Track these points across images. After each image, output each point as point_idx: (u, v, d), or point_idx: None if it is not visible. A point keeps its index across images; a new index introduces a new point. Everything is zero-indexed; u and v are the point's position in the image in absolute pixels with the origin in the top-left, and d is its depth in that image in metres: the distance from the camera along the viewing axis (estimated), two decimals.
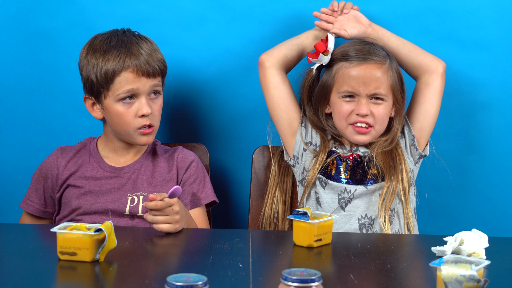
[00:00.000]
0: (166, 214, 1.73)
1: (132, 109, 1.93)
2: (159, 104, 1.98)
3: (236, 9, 2.25)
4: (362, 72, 1.95)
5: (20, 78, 2.28)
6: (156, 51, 1.97)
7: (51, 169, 2.01)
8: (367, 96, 1.95)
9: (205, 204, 2.01)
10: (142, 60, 1.92)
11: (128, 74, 1.91)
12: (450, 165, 2.27)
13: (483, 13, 2.22)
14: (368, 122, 1.96)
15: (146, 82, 1.93)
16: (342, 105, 1.97)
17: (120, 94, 1.91)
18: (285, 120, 2.06)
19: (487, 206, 2.30)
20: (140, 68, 1.91)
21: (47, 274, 1.46)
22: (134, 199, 1.96)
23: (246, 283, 1.39)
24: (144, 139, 1.96)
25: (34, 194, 2.02)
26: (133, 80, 1.91)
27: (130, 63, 1.91)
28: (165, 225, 1.73)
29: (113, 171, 2.00)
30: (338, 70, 1.98)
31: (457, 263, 1.29)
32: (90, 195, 1.96)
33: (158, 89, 1.97)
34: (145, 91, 1.93)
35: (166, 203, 1.72)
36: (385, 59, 1.97)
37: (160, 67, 1.96)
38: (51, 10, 2.25)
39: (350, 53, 1.98)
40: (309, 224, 1.63)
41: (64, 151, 2.03)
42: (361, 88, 1.95)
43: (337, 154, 2.00)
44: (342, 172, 1.98)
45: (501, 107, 2.25)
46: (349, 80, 1.95)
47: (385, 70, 1.96)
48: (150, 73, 1.93)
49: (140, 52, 1.93)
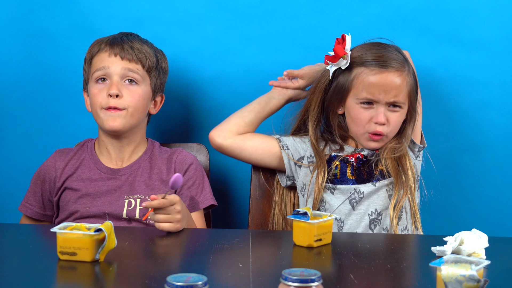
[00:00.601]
0: (167, 212, 1.73)
1: (102, 89, 1.95)
2: (137, 92, 1.96)
3: (236, 9, 2.25)
4: (383, 81, 1.94)
5: (21, 78, 2.28)
6: (142, 46, 1.99)
7: (49, 172, 2.01)
8: (386, 104, 1.95)
9: (203, 208, 2.01)
10: (119, 45, 1.97)
11: (102, 53, 1.97)
12: (450, 165, 2.27)
13: (483, 13, 2.22)
14: (382, 132, 1.96)
15: (117, 63, 1.95)
16: (360, 112, 1.97)
17: (94, 74, 1.96)
18: (269, 158, 2.07)
19: (487, 206, 2.30)
20: (113, 50, 1.96)
21: (47, 274, 1.46)
22: (131, 202, 1.95)
23: (246, 283, 1.39)
24: (110, 122, 1.94)
25: (33, 197, 2.02)
26: (105, 59, 1.96)
27: (106, 46, 1.97)
28: (166, 224, 1.73)
29: (110, 172, 1.99)
30: (358, 76, 1.96)
31: (457, 263, 1.29)
32: (87, 198, 1.96)
33: (134, 77, 1.96)
34: (117, 72, 1.95)
35: (169, 201, 1.73)
36: (404, 65, 1.97)
37: (139, 56, 1.97)
38: (52, 10, 2.25)
39: (368, 58, 1.96)
40: (309, 224, 1.63)
41: (62, 153, 2.03)
42: (381, 96, 1.94)
43: (340, 158, 1.99)
44: (348, 174, 1.98)
45: (500, 107, 2.25)
46: (369, 87, 1.94)
47: (404, 77, 1.96)
48: (123, 56, 1.95)
49: (121, 40, 1.99)
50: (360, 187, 1.97)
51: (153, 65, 1.99)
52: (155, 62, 2.00)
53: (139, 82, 1.97)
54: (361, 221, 1.95)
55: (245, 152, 2.06)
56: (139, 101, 1.96)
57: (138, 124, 1.99)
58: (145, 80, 1.98)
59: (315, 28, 2.24)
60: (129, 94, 1.95)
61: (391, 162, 1.98)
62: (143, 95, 1.97)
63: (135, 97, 1.95)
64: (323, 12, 2.24)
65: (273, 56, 2.26)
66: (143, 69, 1.98)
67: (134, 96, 1.95)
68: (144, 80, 1.98)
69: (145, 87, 1.98)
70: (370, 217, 1.95)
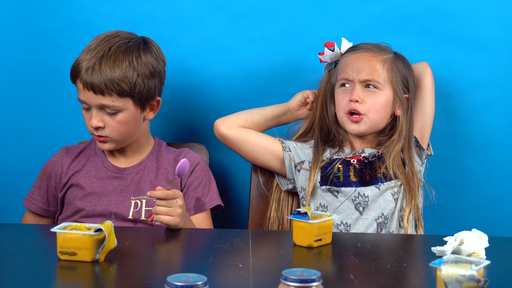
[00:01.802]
0: (169, 205, 1.74)
1: (87, 116, 1.94)
2: (117, 120, 1.91)
3: (236, 9, 2.25)
4: (356, 59, 1.99)
5: (21, 78, 2.29)
6: (118, 72, 1.89)
7: (55, 168, 2.01)
8: (360, 83, 1.97)
9: (209, 208, 2.01)
10: (93, 77, 1.88)
11: (79, 83, 1.92)
12: (450, 165, 2.27)
13: (483, 13, 2.22)
14: (357, 109, 1.96)
15: (91, 97, 1.90)
16: (339, 95, 2.00)
17: (79, 98, 1.94)
18: (269, 156, 2.07)
19: (487, 206, 2.30)
20: (85, 84, 1.90)
21: (47, 274, 1.46)
22: (137, 203, 1.96)
23: (246, 283, 1.39)
24: (99, 145, 1.97)
25: (37, 192, 2.03)
26: (82, 91, 1.92)
27: (82, 73, 1.90)
28: (166, 217, 1.73)
29: (116, 171, 1.99)
30: (339, 63, 2.02)
31: (457, 263, 1.29)
32: (93, 196, 1.96)
33: (110, 106, 1.90)
34: (95, 105, 1.91)
35: (173, 193, 1.74)
36: (386, 53, 1.99)
37: (113, 88, 1.89)
38: (52, 10, 2.25)
39: (354, 46, 2.03)
40: (309, 224, 1.63)
41: (69, 150, 2.04)
42: (354, 73, 1.97)
43: (341, 160, 1.99)
44: (351, 176, 1.98)
45: (501, 107, 2.25)
46: (344, 67, 1.99)
47: (382, 60, 1.98)
48: (96, 90, 1.89)
49: (93, 68, 1.89)
50: (364, 190, 1.96)
51: (131, 86, 1.91)
52: (134, 81, 1.91)
53: (119, 110, 1.92)
54: (370, 226, 1.95)
55: (247, 144, 2.05)
56: (122, 127, 1.93)
57: (132, 137, 1.98)
58: (126, 103, 1.92)
59: (315, 28, 2.24)
60: (111, 124, 1.92)
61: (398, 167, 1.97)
62: (126, 119, 1.93)
63: (116, 126, 1.92)
64: (323, 12, 2.24)
65: (273, 56, 2.26)
66: (119, 97, 1.91)
67: (116, 125, 1.92)
68: (125, 104, 1.92)
69: (127, 111, 1.93)
70: (377, 221, 1.95)
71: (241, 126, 2.05)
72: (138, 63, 1.93)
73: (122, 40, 1.95)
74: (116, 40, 1.95)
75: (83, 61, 1.92)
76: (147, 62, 1.94)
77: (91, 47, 1.94)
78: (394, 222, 1.96)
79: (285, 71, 2.25)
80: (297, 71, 2.15)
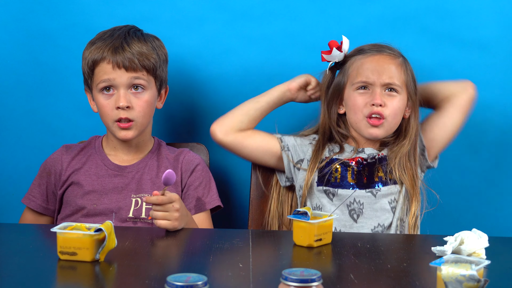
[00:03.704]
0: (166, 210, 1.73)
1: (110, 101, 1.94)
2: (144, 99, 1.95)
3: (236, 9, 2.25)
4: (376, 62, 1.96)
5: (21, 78, 2.29)
6: (145, 49, 1.95)
7: (55, 165, 2.01)
8: (381, 86, 1.95)
9: (209, 208, 2.01)
10: (120, 53, 1.92)
11: (105, 64, 1.93)
12: (450, 165, 2.27)
13: (483, 13, 2.22)
14: (381, 113, 1.94)
15: (122, 74, 1.92)
16: (356, 98, 1.97)
17: (99, 84, 1.94)
18: (268, 157, 2.07)
19: (487, 206, 2.30)
20: (115, 61, 1.92)
21: (47, 274, 1.46)
22: (138, 201, 1.96)
23: (246, 283, 1.39)
24: (122, 134, 1.95)
25: (37, 189, 2.03)
26: (110, 71, 1.92)
27: (107, 54, 1.93)
28: (163, 221, 1.74)
29: (117, 169, 2.00)
30: (352, 64, 1.99)
31: (457, 263, 1.29)
32: (93, 194, 1.96)
33: (141, 83, 1.94)
34: (123, 84, 1.92)
35: (168, 198, 1.73)
36: (399, 56, 1.99)
37: (144, 62, 1.93)
38: (52, 10, 2.25)
39: (364, 47, 2.00)
40: (309, 224, 1.63)
41: (69, 148, 2.04)
42: (375, 76, 1.94)
43: (341, 161, 1.99)
44: (348, 178, 1.97)
45: (501, 107, 2.25)
46: (363, 70, 1.96)
47: (399, 64, 1.98)
48: (127, 66, 1.92)
49: (122, 46, 1.93)
50: (360, 195, 1.95)
51: (156, 65, 1.97)
52: (157, 61, 1.98)
53: (146, 88, 1.95)
54: None
55: (245, 149, 2.05)
56: (148, 108, 1.96)
57: (148, 125, 2.01)
58: (151, 83, 1.97)
59: (315, 28, 2.24)
60: (138, 104, 1.94)
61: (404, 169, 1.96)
62: (151, 100, 1.96)
63: (143, 106, 1.94)
64: (323, 12, 2.24)
65: (273, 56, 2.26)
66: (148, 74, 1.95)
67: (143, 105, 1.94)
68: (149, 83, 1.96)
69: (151, 90, 1.97)
70: (373, 230, 1.94)
71: (238, 130, 2.04)
72: (157, 46, 2.01)
73: (132, 28, 2.01)
74: (127, 28, 2.01)
75: (104, 46, 1.94)
76: (162, 47, 2.03)
77: (103, 36, 1.97)
78: (392, 231, 1.95)
79: (285, 71, 2.25)
80: (297, 71, 2.14)
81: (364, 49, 2.00)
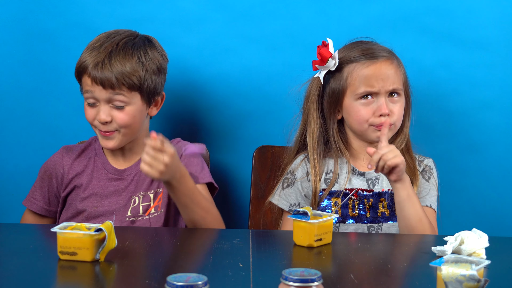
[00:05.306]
0: (154, 157, 1.72)
1: (93, 111, 1.93)
2: (125, 113, 1.92)
3: (236, 9, 2.25)
4: (378, 70, 1.93)
5: (21, 78, 2.28)
6: (128, 66, 1.91)
7: (56, 168, 2.01)
8: (386, 93, 1.94)
9: (204, 182, 1.96)
10: (99, 70, 1.89)
11: (86, 77, 1.92)
12: (450, 165, 2.27)
13: (483, 13, 2.22)
14: (389, 122, 1.92)
15: (101, 91, 1.90)
16: (360, 108, 1.94)
17: (84, 94, 1.94)
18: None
19: (487, 206, 2.30)
20: (93, 77, 1.90)
21: (47, 274, 1.46)
22: (136, 200, 1.96)
23: (246, 283, 1.39)
24: (104, 143, 1.95)
25: (38, 192, 2.02)
26: (90, 85, 1.91)
27: (88, 68, 1.91)
28: (146, 167, 1.73)
29: (116, 173, 2.00)
30: (351, 73, 1.94)
31: (457, 263, 1.29)
32: (94, 197, 1.97)
33: (121, 99, 1.91)
34: (103, 98, 1.91)
35: (159, 147, 1.71)
36: (392, 55, 1.98)
37: (123, 81, 1.90)
38: (52, 10, 2.25)
39: (356, 54, 1.95)
40: (309, 224, 1.62)
41: (69, 150, 2.04)
42: (380, 85, 1.92)
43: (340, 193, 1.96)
44: (349, 211, 1.95)
45: (501, 107, 2.25)
46: (366, 80, 1.93)
47: (396, 65, 1.97)
48: (104, 84, 1.89)
49: (103, 62, 1.90)
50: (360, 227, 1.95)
51: (141, 81, 1.93)
52: (143, 76, 1.93)
53: (127, 103, 1.92)
54: None
55: None
56: (129, 121, 1.93)
57: (136, 133, 1.98)
58: (134, 98, 1.93)
59: (315, 28, 2.24)
60: (119, 117, 1.92)
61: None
62: (134, 113, 1.93)
63: (125, 119, 1.92)
64: (323, 12, 2.24)
65: (273, 56, 2.26)
66: (129, 90, 1.92)
67: (124, 118, 1.92)
68: (132, 98, 1.93)
69: (135, 105, 1.93)
70: None
71: None
72: (146, 59, 1.95)
73: (127, 37, 1.97)
74: (122, 37, 1.96)
75: (90, 58, 1.92)
76: (153, 58, 1.97)
77: (95, 44, 1.95)
78: None
79: (285, 71, 2.25)
80: (297, 71, 2.14)
81: (357, 56, 1.95)
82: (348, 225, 1.94)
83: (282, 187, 2.00)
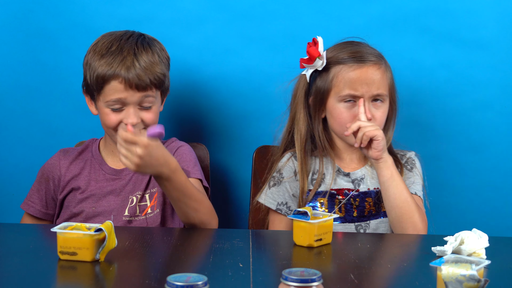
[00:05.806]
0: (128, 149, 1.71)
1: (118, 115, 1.91)
2: (152, 112, 1.93)
3: (236, 9, 2.25)
4: (364, 75, 1.92)
5: (21, 78, 2.29)
6: (154, 64, 1.92)
7: (53, 171, 2.01)
8: (370, 98, 1.93)
9: (194, 177, 1.95)
10: (133, 73, 1.88)
11: (117, 84, 1.89)
12: (450, 165, 2.27)
13: (483, 13, 2.22)
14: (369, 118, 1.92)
15: (134, 94, 1.89)
16: (343, 111, 1.94)
17: (109, 102, 1.90)
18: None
19: (487, 206, 2.30)
20: (128, 81, 1.88)
21: (47, 274, 1.46)
22: (133, 199, 1.96)
23: (246, 283, 1.39)
24: None
25: (36, 195, 2.02)
26: (122, 90, 1.89)
27: (120, 73, 1.88)
28: (123, 158, 1.73)
29: (114, 173, 2.00)
30: (337, 74, 1.94)
31: (457, 263, 1.29)
32: (92, 198, 1.97)
33: (150, 101, 1.92)
34: (134, 102, 1.90)
35: (131, 138, 1.70)
36: (380, 59, 1.96)
37: (154, 81, 1.91)
38: (52, 10, 2.26)
39: (345, 56, 1.95)
40: (309, 224, 1.63)
41: (66, 153, 2.03)
42: (364, 89, 1.92)
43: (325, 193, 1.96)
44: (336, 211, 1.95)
45: (501, 107, 2.25)
46: (350, 83, 1.92)
47: (383, 70, 1.95)
48: (139, 86, 1.89)
49: (133, 65, 1.89)
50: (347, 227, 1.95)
51: (163, 77, 1.95)
52: (164, 71, 1.96)
53: (154, 103, 1.94)
54: None
55: None
56: (156, 119, 1.95)
57: None
58: (158, 97, 1.96)
59: (315, 28, 2.24)
60: (147, 118, 1.92)
61: None
62: (157, 110, 1.96)
63: (152, 118, 1.93)
64: (323, 12, 2.24)
65: (273, 56, 2.26)
66: (156, 89, 1.93)
67: (151, 118, 1.93)
68: (156, 98, 1.95)
69: (158, 102, 1.96)
70: None
71: None
72: (162, 55, 1.98)
73: (137, 36, 1.97)
74: (134, 37, 1.96)
75: (115, 63, 1.89)
76: (165, 53, 2.00)
77: (111, 48, 1.92)
78: None
79: (285, 71, 2.25)
80: (297, 71, 2.14)
81: (345, 57, 1.94)
82: (336, 225, 1.94)
83: (269, 186, 2.01)
